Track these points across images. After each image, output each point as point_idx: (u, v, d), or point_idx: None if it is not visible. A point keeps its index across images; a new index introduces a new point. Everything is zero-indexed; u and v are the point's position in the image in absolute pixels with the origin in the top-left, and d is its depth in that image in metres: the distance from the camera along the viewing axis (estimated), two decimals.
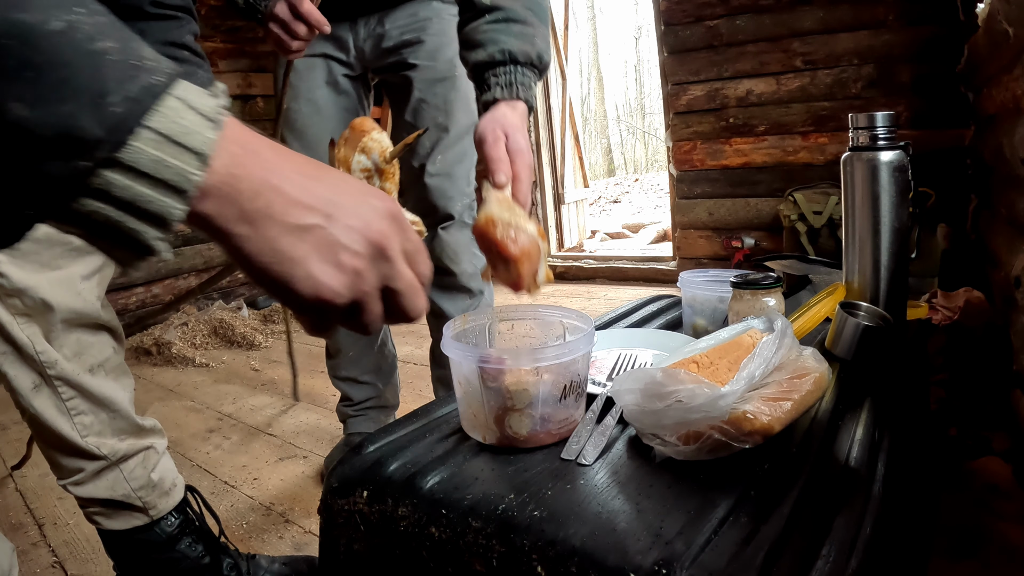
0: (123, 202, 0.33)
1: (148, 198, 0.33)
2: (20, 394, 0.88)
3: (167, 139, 0.33)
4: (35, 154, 0.30)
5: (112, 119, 0.31)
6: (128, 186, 0.32)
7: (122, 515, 0.97)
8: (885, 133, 0.99)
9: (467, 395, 0.71)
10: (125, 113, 0.32)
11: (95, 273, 0.92)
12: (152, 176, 0.33)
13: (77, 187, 0.32)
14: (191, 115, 0.34)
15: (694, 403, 0.59)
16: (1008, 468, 1.16)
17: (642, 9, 11.88)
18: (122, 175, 0.32)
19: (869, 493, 0.58)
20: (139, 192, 0.33)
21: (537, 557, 0.54)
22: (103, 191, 0.32)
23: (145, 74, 0.33)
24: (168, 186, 0.33)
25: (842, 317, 0.89)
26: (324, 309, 0.39)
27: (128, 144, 0.32)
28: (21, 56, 0.30)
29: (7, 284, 0.83)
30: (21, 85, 0.30)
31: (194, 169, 0.34)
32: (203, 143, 0.34)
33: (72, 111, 0.30)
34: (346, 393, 1.57)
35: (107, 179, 0.32)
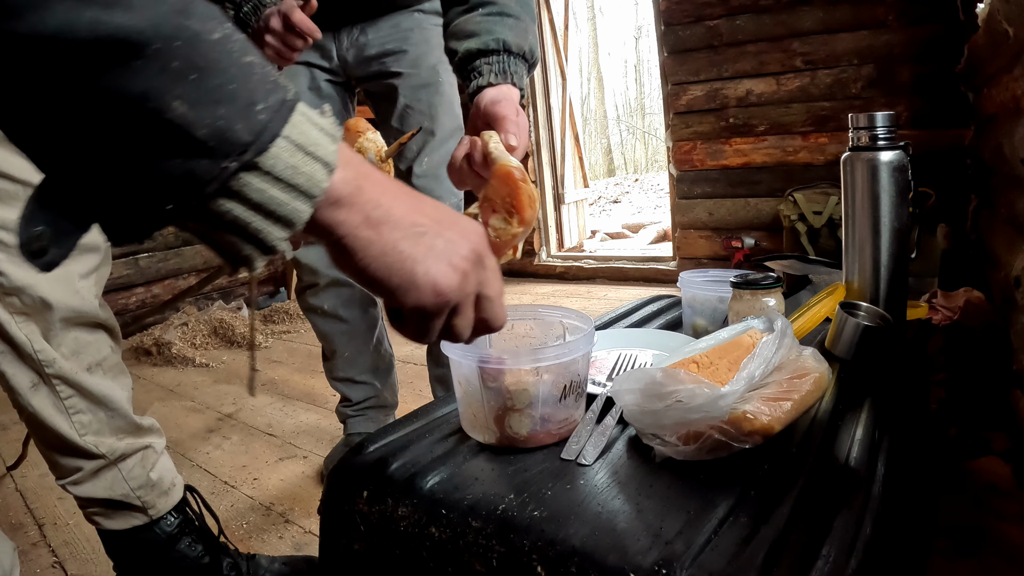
0: (255, 204, 0.35)
1: (280, 201, 0.36)
2: (18, 393, 0.88)
3: (300, 148, 0.36)
4: (188, 151, 0.33)
5: (258, 126, 0.34)
6: (262, 189, 0.35)
7: (121, 515, 0.97)
8: (885, 133, 0.99)
9: (467, 395, 0.71)
10: (268, 121, 0.35)
11: (92, 272, 0.92)
12: (285, 181, 0.36)
13: (219, 187, 0.34)
14: (315, 130, 0.37)
15: (694, 403, 0.59)
16: (1008, 468, 1.16)
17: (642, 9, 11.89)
18: (259, 178, 0.35)
19: (869, 493, 0.58)
20: (272, 195, 0.36)
21: (537, 557, 0.54)
22: (239, 192, 0.35)
23: (281, 90, 0.36)
24: (299, 191, 0.36)
25: (842, 317, 0.89)
26: (434, 309, 0.43)
27: (269, 149, 0.35)
28: (188, 59, 0.32)
29: (5, 282, 0.83)
30: (185, 86, 0.32)
31: (323, 177, 0.37)
32: (329, 154, 0.37)
33: (227, 115, 0.33)
34: (344, 394, 1.57)
35: (245, 181, 0.35)
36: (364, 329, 1.54)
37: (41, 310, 0.86)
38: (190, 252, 3.36)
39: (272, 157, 0.35)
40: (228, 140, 0.33)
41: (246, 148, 0.34)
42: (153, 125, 0.32)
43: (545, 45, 3.79)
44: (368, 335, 1.55)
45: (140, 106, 0.31)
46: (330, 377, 1.58)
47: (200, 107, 0.32)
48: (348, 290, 1.50)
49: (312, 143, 0.37)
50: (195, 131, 0.32)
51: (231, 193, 0.35)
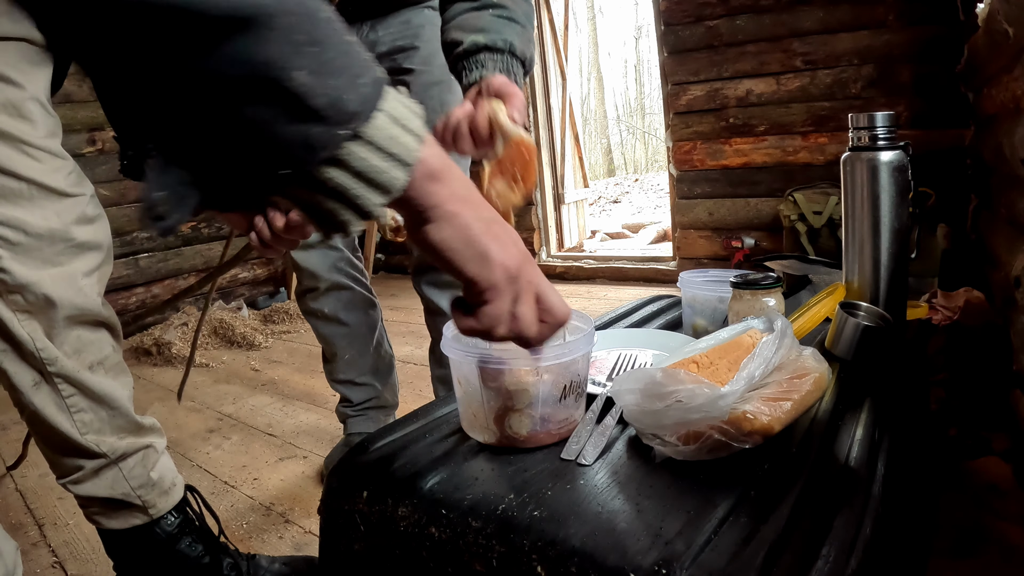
0: (357, 171, 0.38)
1: (379, 169, 0.39)
2: (20, 392, 0.88)
3: (395, 120, 0.40)
4: (305, 118, 0.35)
5: (363, 97, 0.38)
6: (365, 158, 0.38)
7: (122, 514, 0.97)
8: (885, 133, 0.99)
9: (467, 395, 0.71)
10: (371, 94, 0.38)
11: (95, 270, 0.93)
12: (385, 150, 0.39)
13: (330, 153, 0.37)
14: (402, 105, 0.41)
15: (694, 403, 0.59)
16: (1008, 468, 1.16)
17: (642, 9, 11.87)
18: (362, 147, 0.38)
19: (869, 493, 0.58)
20: (373, 164, 0.39)
21: (537, 557, 0.54)
22: (344, 161, 0.38)
23: (374, 67, 0.40)
24: (396, 160, 0.39)
25: (842, 317, 0.89)
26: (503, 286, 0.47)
27: (371, 120, 0.38)
28: (308, 33, 0.35)
29: (9, 280, 0.83)
30: (306, 57, 0.35)
31: (416, 147, 0.41)
32: (418, 128, 0.41)
33: (340, 85, 0.36)
34: (345, 395, 1.57)
35: (349, 150, 0.38)
36: (365, 332, 1.54)
37: (44, 308, 0.86)
38: (190, 252, 3.36)
39: (374, 127, 0.38)
40: (341, 109, 0.36)
41: (355, 117, 0.37)
42: (277, 92, 0.34)
43: (545, 45, 3.79)
44: (368, 337, 1.55)
45: (266, 75, 0.34)
46: (331, 379, 1.58)
47: (317, 78, 0.35)
48: (348, 293, 1.50)
49: (404, 117, 0.40)
50: (312, 100, 0.35)
51: (337, 161, 0.37)
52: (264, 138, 0.35)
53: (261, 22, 0.33)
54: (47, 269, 0.86)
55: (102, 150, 3.00)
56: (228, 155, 0.36)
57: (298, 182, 0.38)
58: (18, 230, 0.83)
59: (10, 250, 0.82)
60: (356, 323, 1.52)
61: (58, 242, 0.87)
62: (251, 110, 0.34)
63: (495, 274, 0.46)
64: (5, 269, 0.83)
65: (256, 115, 0.34)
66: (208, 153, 0.37)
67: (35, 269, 0.85)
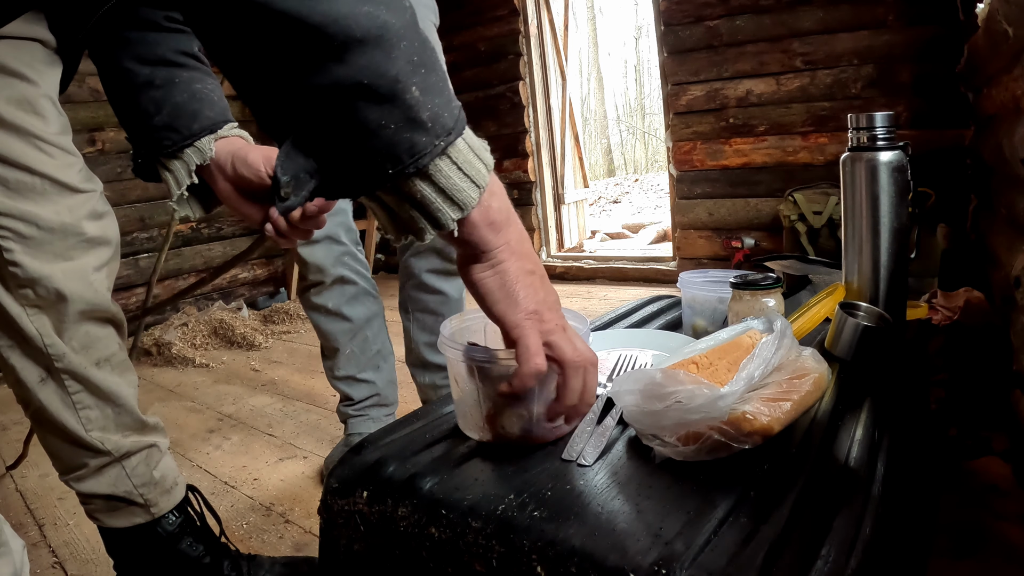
0: (441, 187, 0.44)
1: (459, 187, 0.44)
2: (26, 387, 0.88)
3: (471, 148, 0.45)
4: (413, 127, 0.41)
5: (454, 118, 0.44)
6: (449, 175, 0.43)
7: (123, 512, 0.97)
8: (885, 133, 0.99)
9: (461, 394, 0.71)
10: (459, 117, 0.45)
11: (105, 265, 0.93)
12: (464, 171, 0.44)
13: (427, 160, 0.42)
14: (475, 137, 0.46)
15: (694, 404, 0.59)
16: (1008, 468, 1.16)
17: (642, 9, 11.87)
18: (448, 165, 0.43)
19: (869, 493, 0.58)
20: (454, 182, 0.44)
21: (537, 557, 0.54)
22: (431, 176, 0.43)
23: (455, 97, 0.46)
24: (472, 181, 0.45)
25: (842, 317, 0.89)
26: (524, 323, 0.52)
27: (458, 142, 0.44)
28: (421, 55, 0.42)
29: (21, 273, 0.83)
30: (418, 76, 0.41)
31: (486, 174, 0.46)
32: (488, 160, 0.47)
33: (440, 103, 0.43)
34: (346, 393, 1.57)
35: (438, 167, 0.43)
36: (367, 327, 1.55)
37: (55, 302, 0.86)
38: (190, 252, 3.36)
39: (458, 149, 0.44)
40: (440, 123, 0.42)
41: (450, 132, 0.43)
42: (396, 101, 0.40)
43: (545, 45, 3.79)
44: (370, 333, 1.56)
45: (391, 86, 0.40)
46: (331, 376, 1.58)
47: (426, 94, 0.41)
48: (352, 288, 1.51)
49: (477, 147, 0.46)
50: (421, 112, 0.41)
51: (426, 176, 0.43)
52: (377, 138, 0.41)
53: (390, 42, 0.40)
54: (59, 263, 0.86)
55: (102, 150, 3.00)
56: (347, 150, 0.42)
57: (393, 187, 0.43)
58: (31, 224, 0.83)
59: (22, 244, 0.83)
60: (359, 318, 1.53)
61: (70, 237, 0.87)
62: (372, 112, 0.40)
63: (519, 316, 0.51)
64: (17, 263, 0.83)
65: (375, 117, 0.41)
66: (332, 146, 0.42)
67: (47, 263, 0.85)
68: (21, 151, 0.82)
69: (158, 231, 3.23)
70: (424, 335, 1.61)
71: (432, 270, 1.54)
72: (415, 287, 1.56)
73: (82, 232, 0.88)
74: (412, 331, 1.64)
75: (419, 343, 1.62)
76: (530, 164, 3.79)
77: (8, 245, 0.83)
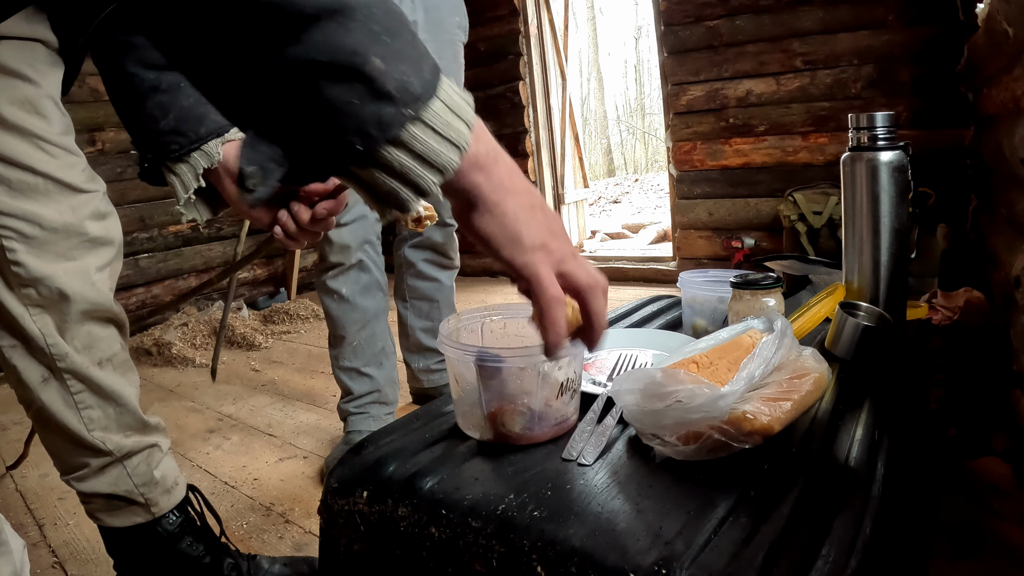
0: (418, 153, 0.42)
1: (437, 151, 0.42)
2: (28, 387, 0.88)
3: (449, 107, 0.43)
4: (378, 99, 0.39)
5: (425, 83, 0.41)
6: (425, 140, 0.42)
7: (124, 511, 0.97)
8: (885, 133, 0.99)
9: (462, 392, 0.71)
10: (431, 80, 0.42)
11: (107, 266, 0.93)
12: (442, 133, 0.42)
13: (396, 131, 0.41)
14: (456, 93, 0.44)
15: (694, 403, 0.59)
16: (1008, 468, 1.16)
17: (642, 9, 11.86)
18: (422, 130, 0.41)
19: (869, 493, 0.58)
20: (431, 146, 0.42)
21: (537, 557, 0.54)
22: (406, 144, 0.41)
23: (431, 56, 0.43)
24: (451, 143, 0.43)
25: (842, 317, 0.89)
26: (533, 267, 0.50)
27: (431, 104, 0.42)
28: (383, 23, 0.40)
29: (23, 273, 0.84)
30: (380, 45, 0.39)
31: (467, 132, 0.44)
32: (469, 115, 0.44)
33: (407, 71, 0.40)
34: (348, 387, 1.60)
35: (412, 133, 0.41)
36: (374, 320, 1.60)
37: (58, 302, 0.86)
38: (190, 252, 3.36)
39: (432, 112, 0.41)
40: (408, 91, 0.40)
41: (418, 98, 0.41)
42: (357, 75, 0.39)
43: (545, 45, 3.79)
44: (376, 326, 1.61)
45: (349, 60, 0.38)
46: (336, 366, 1.62)
47: (390, 63, 0.39)
48: (367, 276, 1.58)
49: (457, 105, 0.43)
50: (385, 82, 0.39)
51: (400, 143, 0.41)
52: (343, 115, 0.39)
53: (346, 13, 0.38)
54: (61, 263, 0.86)
55: (102, 150, 3.00)
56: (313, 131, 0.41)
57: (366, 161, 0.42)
58: (34, 224, 0.83)
59: (25, 243, 0.83)
60: (369, 310, 1.59)
61: (72, 236, 0.87)
62: (334, 90, 0.39)
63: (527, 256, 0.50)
64: (20, 262, 0.83)
65: (338, 95, 0.39)
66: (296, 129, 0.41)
67: (50, 263, 0.85)
68: (24, 151, 0.82)
69: (158, 231, 3.23)
70: (420, 321, 1.77)
71: (428, 260, 1.72)
72: (413, 275, 1.74)
73: (85, 232, 0.89)
74: (409, 318, 1.78)
75: (415, 328, 1.77)
76: (530, 164, 3.79)
77: (11, 245, 0.83)
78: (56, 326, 0.87)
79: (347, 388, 1.60)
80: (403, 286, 1.78)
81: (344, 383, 1.60)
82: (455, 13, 1.63)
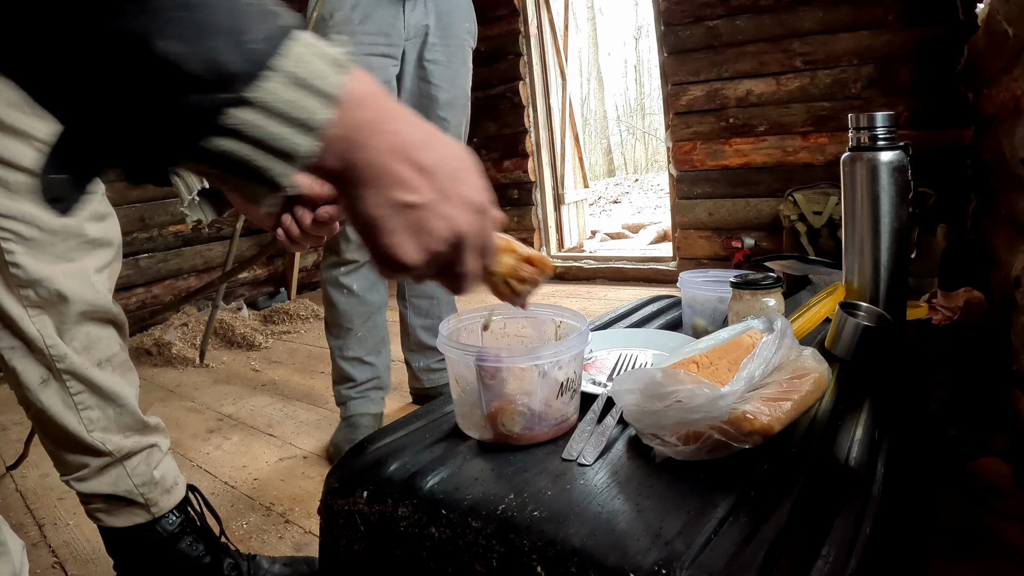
0: (255, 140, 0.35)
1: (276, 136, 0.35)
2: (27, 388, 0.88)
3: (296, 79, 0.35)
4: (182, 87, 0.33)
5: (250, 55, 0.34)
6: (260, 125, 0.35)
7: (124, 511, 0.97)
8: (885, 133, 0.99)
9: (462, 393, 0.71)
10: (262, 50, 0.34)
11: (106, 267, 0.93)
12: (283, 115, 0.35)
13: (215, 122, 0.34)
14: (318, 60, 0.36)
15: (694, 403, 0.59)
16: (1008, 468, 1.16)
17: (642, 9, 11.86)
18: (255, 113, 0.35)
19: (869, 493, 0.58)
20: (269, 131, 0.35)
21: (537, 557, 0.54)
22: (236, 130, 0.34)
23: (275, 17, 0.36)
24: (297, 123, 0.36)
25: (842, 317, 0.89)
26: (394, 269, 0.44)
27: (263, 80, 0.34)
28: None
29: (22, 275, 0.84)
30: (174, 24, 0.32)
31: (322, 109, 0.36)
32: (330, 86, 0.36)
33: (216, 47, 0.33)
34: (350, 374, 1.69)
35: (242, 118, 0.34)
36: (377, 313, 1.69)
37: (57, 303, 0.86)
38: (190, 252, 3.36)
39: (266, 90, 0.35)
40: (219, 71, 0.33)
41: (236, 79, 0.34)
42: (148, 64, 0.32)
43: (545, 45, 3.79)
44: (378, 318, 1.70)
45: (136, 47, 0.32)
46: (339, 356, 1.69)
47: (191, 43, 0.32)
48: (375, 273, 1.65)
49: (313, 75, 0.36)
50: (187, 66, 0.32)
51: (229, 131, 0.35)
52: (145, 112, 0.34)
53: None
54: (60, 264, 0.86)
55: None
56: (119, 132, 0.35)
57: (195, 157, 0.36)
58: (32, 225, 0.83)
59: (23, 245, 0.83)
60: (374, 303, 1.68)
61: (71, 238, 0.87)
62: (130, 84, 0.33)
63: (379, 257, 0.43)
64: (18, 264, 0.83)
65: (136, 89, 0.33)
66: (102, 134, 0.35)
67: (48, 264, 0.85)
68: (21, 153, 0.82)
69: (158, 231, 3.23)
70: (420, 319, 1.79)
71: None
72: None
73: (83, 233, 0.89)
74: (409, 317, 1.81)
75: (415, 327, 1.80)
76: (530, 164, 3.79)
77: (9, 247, 0.83)
78: (55, 327, 0.87)
79: (349, 375, 1.68)
80: (403, 284, 1.81)
81: (347, 371, 1.69)
82: (466, 19, 1.65)
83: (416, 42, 1.58)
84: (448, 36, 1.60)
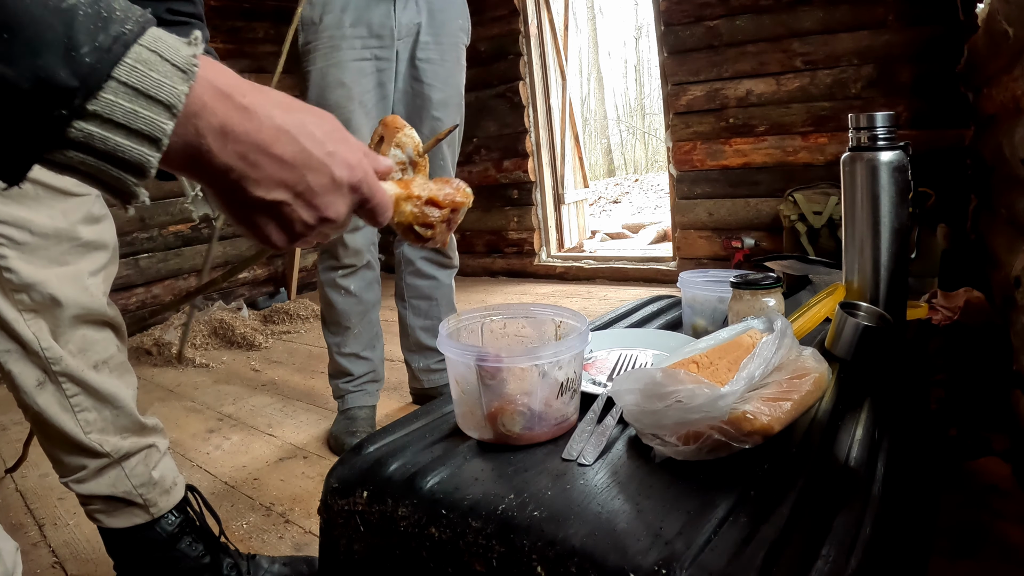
0: (104, 152, 0.34)
1: (124, 148, 0.35)
2: (24, 391, 0.88)
3: (137, 90, 0.34)
4: (18, 106, 0.32)
5: (85, 68, 0.33)
6: (107, 137, 0.34)
7: (123, 512, 0.97)
8: (885, 133, 0.99)
9: (462, 393, 0.71)
10: (97, 62, 0.33)
11: (101, 270, 0.93)
12: (127, 127, 0.34)
13: (58, 136, 0.33)
14: (163, 65, 0.35)
15: (694, 403, 0.59)
16: (1008, 468, 1.16)
17: (642, 9, 11.87)
18: (100, 127, 0.34)
19: (869, 493, 0.58)
20: (117, 143, 0.34)
21: (537, 557, 0.54)
22: (85, 143, 0.34)
23: (114, 24, 0.34)
24: (143, 136, 0.35)
25: (842, 317, 0.89)
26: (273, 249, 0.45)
27: (103, 91, 0.33)
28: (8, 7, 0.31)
29: (15, 279, 0.83)
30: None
31: (165, 120, 0.35)
32: (173, 95, 0.35)
33: (46, 64, 0.32)
34: (348, 369, 1.73)
35: (87, 131, 0.34)
36: (372, 310, 1.75)
37: (50, 307, 0.86)
38: (190, 252, 3.36)
39: (109, 103, 0.34)
40: (52, 88, 0.32)
41: (74, 93, 0.33)
42: None
43: (545, 45, 3.79)
44: (374, 315, 1.75)
45: None
46: (337, 353, 1.73)
47: (18, 61, 0.32)
48: (371, 273, 1.71)
49: (150, 85, 0.35)
50: (20, 85, 0.32)
51: (77, 145, 0.34)
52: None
53: None
54: (53, 268, 0.86)
55: None
56: None
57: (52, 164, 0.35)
58: (24, 229, 0.83)
59: (16, 249, 0.83)
60: (370, 301, 1.73)
61: (64, 241, 0.87)
62: None
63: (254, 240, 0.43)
64: (11, 268, 0.83)
65: None
66: None
67: (41, 268, 0.85)
68: None
69: (158, 231, 3.23)
70: (419, 320, 1.82)
71: (426, 258, 1.77)
72: (412, 274, 1.79)
73: (77, 237, 0.88)
74: (408, 317, 1.84)
75: (415, 327, 1.83)
76: (530, 164, 3.79)
77: (2, 251, 0.83)
78: (50, 330, 0.87)
79: (347, 370, 1.73)
80: (402, 285, 1.83)
81: (345, 367, 1.73)
82: (459, 16, 1.64)
83: (408, 41, 1.56)
84: (441, 34, 1.59)
